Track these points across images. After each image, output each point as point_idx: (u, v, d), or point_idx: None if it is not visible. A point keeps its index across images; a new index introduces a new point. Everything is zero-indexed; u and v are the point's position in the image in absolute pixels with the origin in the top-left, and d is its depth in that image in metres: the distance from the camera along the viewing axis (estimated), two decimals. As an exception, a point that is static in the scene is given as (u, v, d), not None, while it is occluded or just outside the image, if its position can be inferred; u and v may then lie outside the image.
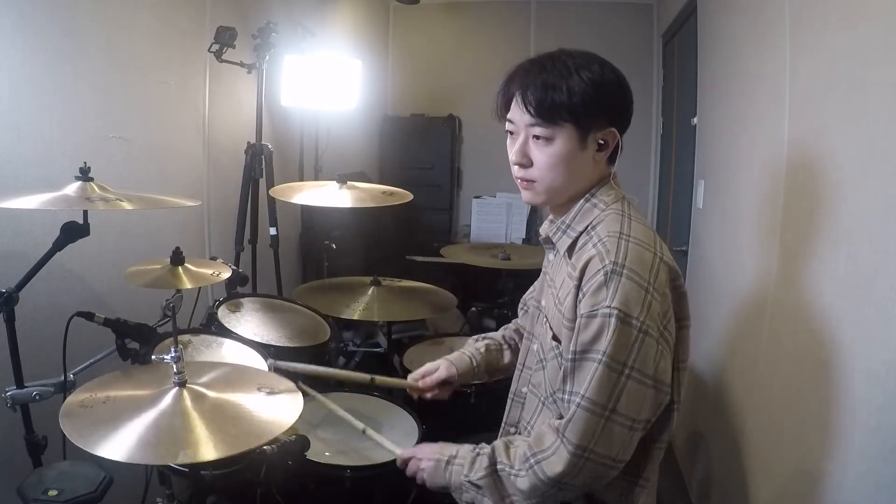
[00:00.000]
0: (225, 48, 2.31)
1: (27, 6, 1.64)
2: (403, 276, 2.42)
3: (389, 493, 1.59)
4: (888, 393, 1.14)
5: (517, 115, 1.17)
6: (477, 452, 1.19)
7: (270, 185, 2.47)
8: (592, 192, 1.20)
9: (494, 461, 1.15)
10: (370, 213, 2.48)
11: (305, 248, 3.41)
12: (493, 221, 4.55)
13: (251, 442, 1.09)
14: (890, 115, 1.18)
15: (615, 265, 1.06)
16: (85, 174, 1.39)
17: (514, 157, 1.19)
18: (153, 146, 2.17)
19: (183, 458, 1.02)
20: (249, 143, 2.53)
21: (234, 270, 1.81)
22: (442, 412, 2.00)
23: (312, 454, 1.43)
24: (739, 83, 2.24)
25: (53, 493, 1.15)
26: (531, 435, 1.15)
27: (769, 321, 1.77)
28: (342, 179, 2.08)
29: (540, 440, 1.12)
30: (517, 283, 3.12)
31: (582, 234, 1.18)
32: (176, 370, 1.19)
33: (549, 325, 1.22)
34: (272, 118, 2.93)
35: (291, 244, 3.33)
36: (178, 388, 1.18)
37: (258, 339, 1.83)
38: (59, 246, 1.36)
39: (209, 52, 2.32)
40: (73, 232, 1.36)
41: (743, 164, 2.15)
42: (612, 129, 1.16)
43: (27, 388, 1.35)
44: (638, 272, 1.07)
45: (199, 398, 1.17)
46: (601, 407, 1.05)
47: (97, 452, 1.00)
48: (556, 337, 1.18)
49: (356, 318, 2.10)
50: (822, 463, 1.37)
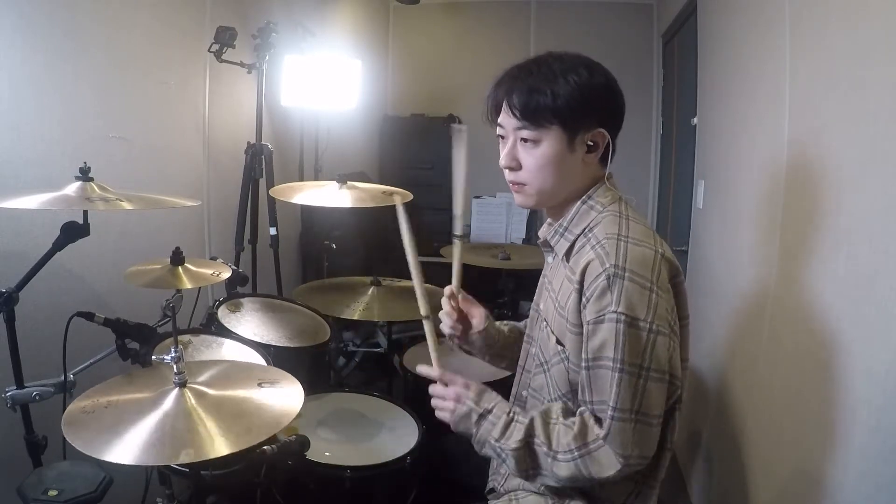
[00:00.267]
0: (225, 48, 2.31)
1: (27, 6, 1.65)
2: (403, 276, 2.42)
3: (389, 493, 1.59)
4: (888, 393, 1.14)
5: (505, 119, 1.19)
6: (512, 418, 1.16)
7: (270, 185, 2.47)
8: (589, 193, 1.20)
9: (532, 434, 1.13)
10: (370, 213, 2.47)
11: (305, 248, 3.41)
12: (493, 221, 4.55)
13: (257, 437, 1.09)
14: (890, 115, 1.18)
15: (616, 268, 1.06)
16: (85, 174, 1.39)
17: (503, 160, 1.21)
18: (153, 146, 2.17)
19: (187, 457, 1.02)
20: (249, 143, 2.53)
21: (234, 270, 1.81)
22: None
23: (312, 454, 1.43)
24: (739, 83, 2.24)
25: (53, 493, 1.15)
26: (574, 423, 1.11)
27: (769, 321, 1.77)
28: (342, 179, 2.08)
29: (584, 433, 1.10)
30: (517, 283, 3.13)
31: (580, 236, 1.18)
32: (176, 370, 1.19)
33: (549, 329, 1.22)
34: (272, 118, 2.93)
35: (291, 244, 3.33)
36: (178, 388, 1.18)
37: (258, 339, 1.83)
38: (59, 246, 1.36)
39: (209, 52, 2.32)
40: (73, 232, 1.36)
41: (743, 164, 2.15)
42: (600, 129, 1.16)
43: (27, 388, 1.35)
44: (639, 273, 1.07)
45: (200, 397, 1.17)
46: (630, 412, 1.06)
47: (103, 458, 1.00)
48: (559, 341, 1.18)
49: (356, 318, 2.10)
50: (822, 463, 1.37)
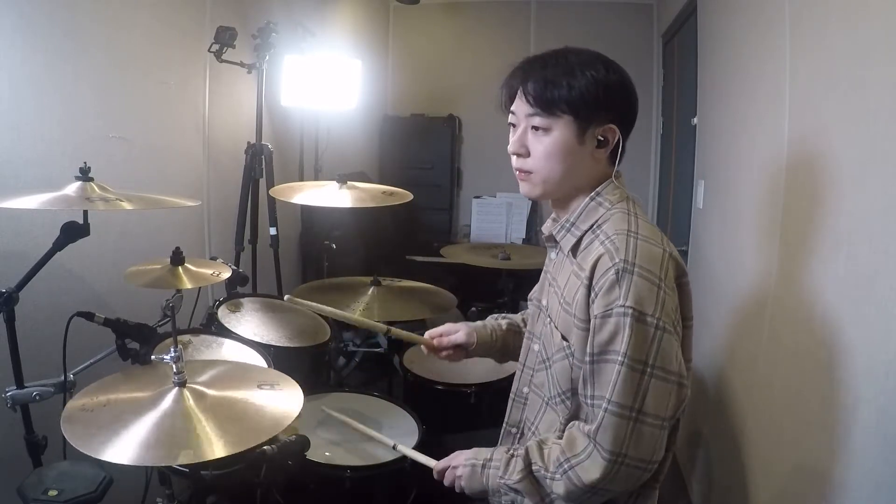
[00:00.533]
0: (225, 48, 2.31)
1: (27, 6, 1.65)
2: (403, 276, 2.42)
3: (389, 493, 1.59)
4: (888, 393, 1.14)
5: (518, 106, 1.18)
6: (511, 454, 1.18)
7: (270, 185, 2.47)
8: (597, 190, 1.20)
9: (529, 463, 1.15)
10: (370, 213, 2.48)
11: (305, 248, 3.41)
12: (493, 221, 4.55)
13: (254, 439, 1.09)
14: (890, 115, 1.18)
15: (626, 263, 1.06)
16: (85, 174, 1.39)
17: (511, 147, 1.20)
18: (153, 146, 2.17)
19: (185, 457, 1.02)
20: (249, 143, 2.53)
21: (234, 270, 1.81)
22: (442, 412, 2.00)
23: (312, 454, 1.43)
24: (739, 83, 2.24)
25: (53, 493, 1.15)
26: (563, 438, 1.14)
27: (769, 321, 1.77)
28: (342, 179, 2.08)
29: (572, 444, 1.11)
30: (517, 283, 3.12)
31: (587, 232, 1.18)
32: (176, 370, 1.19)
33: (553, 324, 1.22)
34: (272, 118, 2.93)
35: (291, 244, 3.33)
36: (178, 388, 1.18)
37: (258, 339, 1.83)
38: (59, 246, 1.36)
39: (209, 52, 2.32)
40: (73, 232, 1.36)
41: (743, 164, 2.15)
42: (612, 126, 1.16)
43: (27, 388, 1.35)
44: (649, 269, 1.06)
45: (199, 397, 1.17)
46: (628, 409, 1.04)
47: (101, 457, 0.99)
48: (564, 337, 1.17)
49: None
50: (822, 463, 1.37)
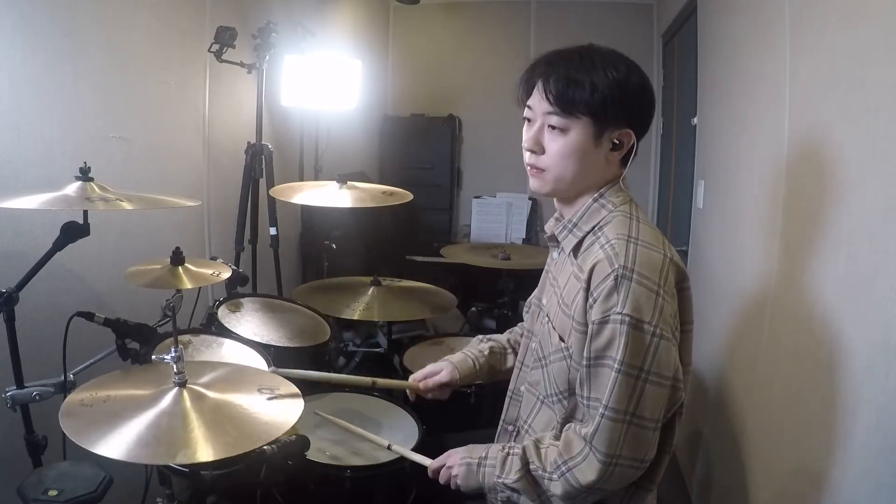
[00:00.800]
0: (225, 48, 2.31)
1: (27, 6, 1.64)
2: (403, 276, 2.42)
3: (389, 493, 1.59)
4: (888, 393, 1.14)
5: (536, 101, 1.17)
6: (507, 452, 1.19)
7: (270, 185, 2.47)
8: (601, 192, 1.20)
9: (527, 462, 1.16)
10: (370, 213, 2.47)
11: (305, 248, 3.41)
12: (493, 221, 4.55)
13: (250, 443, 1.09)
14: (890, 114, 1.18)
15: (625, 269, 1.06)
16: (85, 174, 1.39)
17: (527, 143, 1.19)
18: (153, 146, 2.17)
19: (181, 458, 1.02)
20: (249, 143, 2.53)
21: (234, 270, 1.81)
22: (442, 412, 2.00)
23: (312, 454, 1.43)
24: (739, 83, 2.24)
25: (53, 493, 1.15)
26: (559, 440, 1.15)
27: (769, 321, 1.77)
28: (342, 179, 2.08)
29: (569, 447, 1.12)
30: (517, 283, 3.12)
31: (588, 234, 1.18)
32: (176, 370, 1.19)
33: (551, 324, 1.22)
34: (272, 118, 2.93)
35: (291, 244, 3.33)
36: (178, 388, 1.18)
37: (258, 339, 1.83)
38: (59, 246, 1.36)
39: (209, 52, 2.32)
40: (73, 232, 1.36)
41: (743, 164, 2.15)
42: (628, 130, 1.16)
43: (27, 388, 1.35)
44: (647, 276, 1.07)
45: (199, 398, 1.17)
46: (623, 413, 1.06)
47: (96, 451, 0.99)
48: (562, 338, 1.17)
49: (356, 318, 2.10)
50: (822, 463, 1.37)
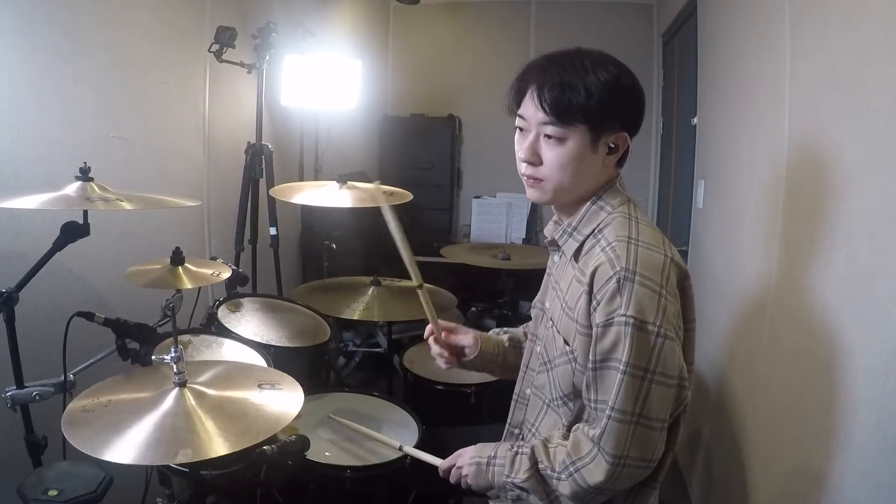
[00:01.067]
0: (225, 48, 2.31)
1: (27, 6, 1.64)
2: (403, 276, 2.42)
3: (389, 493, 1.59)
4: (888, 393, 1.14)
5: (530, 111, 1.15)
6: (516, 451, 1.19)
7: (270, 185, 2.47)
8: (599, 194, 1.19)
9: (536, 461, 1.16)
10: (370, 213, 2.47)
11: (305, 248, 3.41)
12: (493, 221, 4.55)
13: (254, 438, 1.10)
14: (890, 114, 1.18)
15: (627, 271, 1.06)
16: (85, 174, 1.39)
17: (523, 154, 1.17)
18: (153, 146, 2.17)
19: (185, 457, 1.03)
20: (249, 143, 2.53)
21: (234, 270, 1.81)
22: (442, 410, 2.01)
23: (312, 454, 1.43)
24: (739, 83, 2.24)
25: (53, 493, 1.15)
26: (568, 440, 1.15)
27: (769, 321, 1.77)
28: (342, 179, 2.08)
29: (577, 447, 1.12)
30: (517, 283, 3.13)
31: (588, 237, 1.18)
32: (176, 370, 1.19)
33: (555, 328, 1.22)
34: (272, 118, 2.93)
35: (291, 244, 3.33)
36: (178, 388, 1.18)
37: (258, 339, 1.83)
38: (59, 246, 1.36)
39: (209, 52, 2.32)
40: (73, 232, 1.36)
41: (743, 164, 2.15)
42: (623, 133, 1.16)
43: (27, 388, 1.35)
44: (649, 277, 1.06)
45: (200, 397, 1.17)
46: (630, 414, 1.06)
47: (102, 457, 1.00)
48: (566, 341, 1.17)
49: (356, 318, 2.10)
50: (822, 463, 1.37)
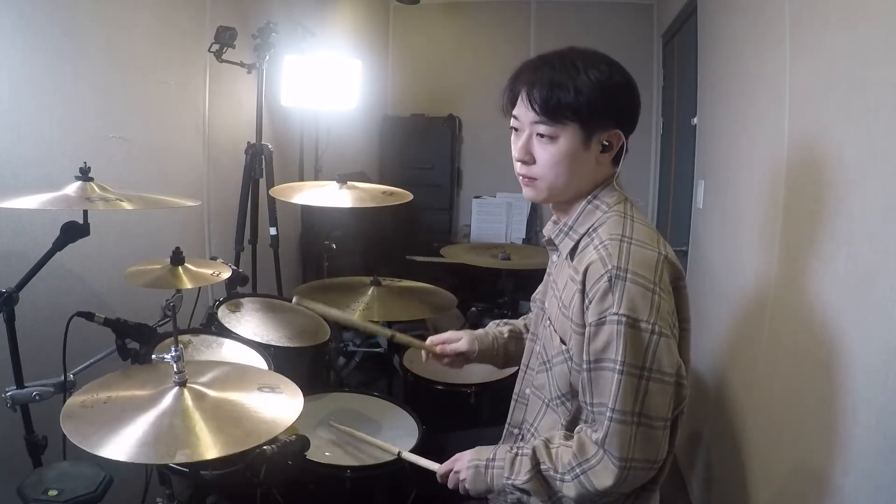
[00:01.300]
0: (225, 48, 2.31)
1: (27, 6, 1.65)
2: (403, 276, 2.42)
3: (389, 493, 1.59)
4: (888, 393, 1.14)
5: (522, 111, 1.16)
6: (516, 453, 1.18)
7: (270, 185, 2.47)
8: (595, 193, 1.19)
9: (538, 462, 1.14)
10: (370, 213, 2.47)
11: (305, 248, 3.41)
12: (493, 221, 4.55)
13: (252, 441, 1.09)
14: (890, 114, 1.18)
15: (618, 269, 1.06)
16: (85, 174, 1.39)
17: (517, 154, 1.18)
18: (153, 146, 2.17)
19: (182, 457, 1.02)
20: (249, 143, 2.53)
21: (234, 270, 1.81)
22: (442, 412, 2.00)
23: (312, 454, 1.43)
24: (739, 83, 2.24)
25: (53, 493, 1.15)
26: (572, 442, 1.14)
27: (769, 321, 1.77)
28: (342, 179, 2.08)
29: (583, 449, 1.11)
30: (517, 283, 3.13)
31: (584, 236, 1.18)
32: (176, 370, 1.19)
33: (553, 327, 1.22)
34: (272, 118, 2.93)
35: (291, 244, 3.33)
36: (178, 387, 1.18)
37: (258, 339, 1.83)
38: (59, 246, 1.36)
39: (209, 52, 2.32)
40: (73, 232, 1.36)
41: (743, 164, 2.15)
42: (617, 130, 1.16)
43: (27, 388, 1.35)
44: (642, 274, 1.06)
45: (199, 398, 1.17)
46: (630, 415, 1.05)
47: (98, 453, 1.00)
48: (563, 340, 1.17)
49: (356, 318, 2.10)
50: (821, 463, 1.37)
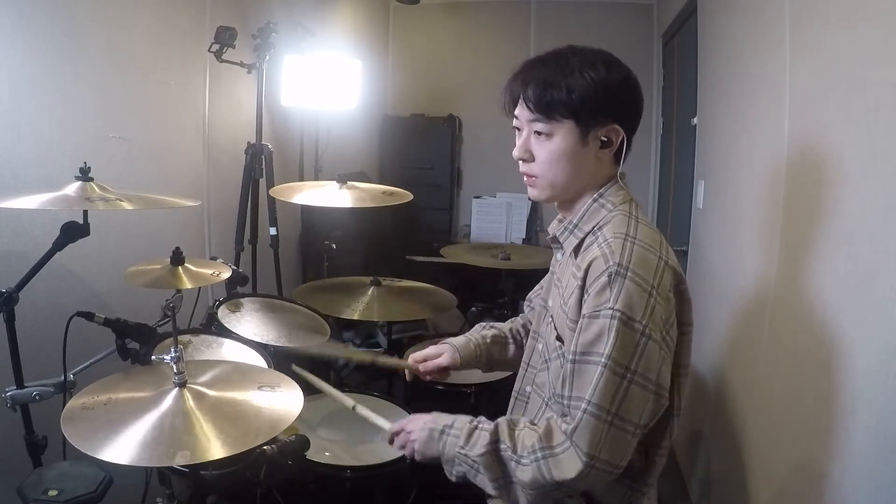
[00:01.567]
0: (225, 48, 2.31)
1: (27, 6, 1.65)
2: (403, 276, 2.42)
3: (389, 493, 1.59)
4: (888, 393, 1.14)
5: (521, 111, 1.18)
6: (475, 426, 1.15)
7: (270, 185, 2.47)
8: (601, 192, 1.19)
9: (497, 440, 1.12)
10: (370, 213, 2.47)
11: (305, 248, 3.41)
12: (493, 221, 4.55)
13: (253, 440, 1.09)
14: (890, 114, 1.18)
15: (619, 267, 1.06)
16: (85, 174, 1.39)
17: (516, 152, 1.20)
18: (153, 146, 2.17)
19: (184, 458, 1.02)
20: (249, 143, 2.54)
21: (234, 270, 1.81)
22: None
23: (312, 454, 1.43)
24: (739, 83, 2.24)
25: (53, 493, 1.15)
26: (539, 426, 1.11)
27: (769, 321, 1.77)
28: (342, 179, 2.08)
29: (549, 435, 1.08)
30: (517, 283, 3.12)
31: (588, 234, 1.18)
32: (176, 370, 1.19)
33: (553, 325, 1.22)
34: (272, 118, 2.93)
35: (291, 244, 3.33)
36: (178, 388, 1.18)
37: (258, 339, 1.83)
38: (59, 246, 1.36)
39: (209, 52, 2.32)
40: (73, 232, 1.36)
41: (743, 164, 2.15)
42: (615, 125, 1.15)
43: (27, 388, 1.35)
44: (641, 275, 1.06)
45: (199, 398, 1.17)
46: (606, 412, 1.03)
47: (100, 456, 0.99)
48: (559, 337, 1.17)
49: (356, 318, 2.10)
50: (821, 463, 1.37)
